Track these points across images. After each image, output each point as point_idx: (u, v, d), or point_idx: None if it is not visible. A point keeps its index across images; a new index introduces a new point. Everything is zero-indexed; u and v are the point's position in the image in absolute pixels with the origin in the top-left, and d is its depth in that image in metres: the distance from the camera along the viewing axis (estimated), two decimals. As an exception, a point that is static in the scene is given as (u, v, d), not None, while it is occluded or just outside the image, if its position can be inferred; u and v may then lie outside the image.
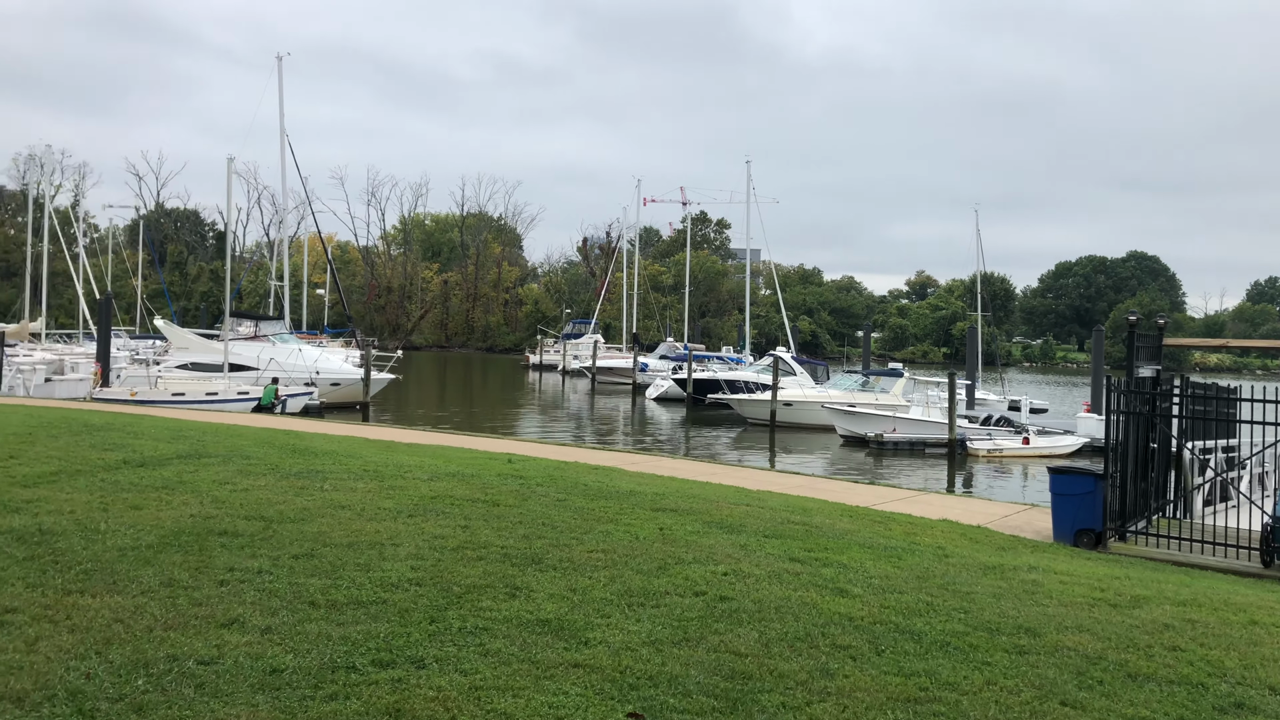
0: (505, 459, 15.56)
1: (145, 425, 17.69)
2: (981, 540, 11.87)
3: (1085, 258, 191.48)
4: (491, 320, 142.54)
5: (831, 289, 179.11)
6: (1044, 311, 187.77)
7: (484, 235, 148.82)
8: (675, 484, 14.39)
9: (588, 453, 20.01)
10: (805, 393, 44.51)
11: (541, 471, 13.90)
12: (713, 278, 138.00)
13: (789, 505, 12.74)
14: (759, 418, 43.10)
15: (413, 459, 14.65)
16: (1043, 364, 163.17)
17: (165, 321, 47.88)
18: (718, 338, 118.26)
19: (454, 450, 17.55)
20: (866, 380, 45.50)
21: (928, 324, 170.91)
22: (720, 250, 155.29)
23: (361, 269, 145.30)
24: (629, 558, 8.04)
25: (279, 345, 44.14)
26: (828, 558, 8.78)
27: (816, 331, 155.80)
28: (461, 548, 7.96)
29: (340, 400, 42.81)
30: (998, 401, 54.94)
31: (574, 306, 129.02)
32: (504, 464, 14.85)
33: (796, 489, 16.06)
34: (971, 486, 28.50)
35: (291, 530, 8.15)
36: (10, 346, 61.77)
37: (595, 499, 11.26)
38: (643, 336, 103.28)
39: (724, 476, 17.13)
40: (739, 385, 49.35)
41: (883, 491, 16.73)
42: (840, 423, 38.48)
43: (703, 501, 11.93)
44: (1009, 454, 34.94)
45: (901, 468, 31.90)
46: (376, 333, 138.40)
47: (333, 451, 14.90)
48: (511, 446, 20.19)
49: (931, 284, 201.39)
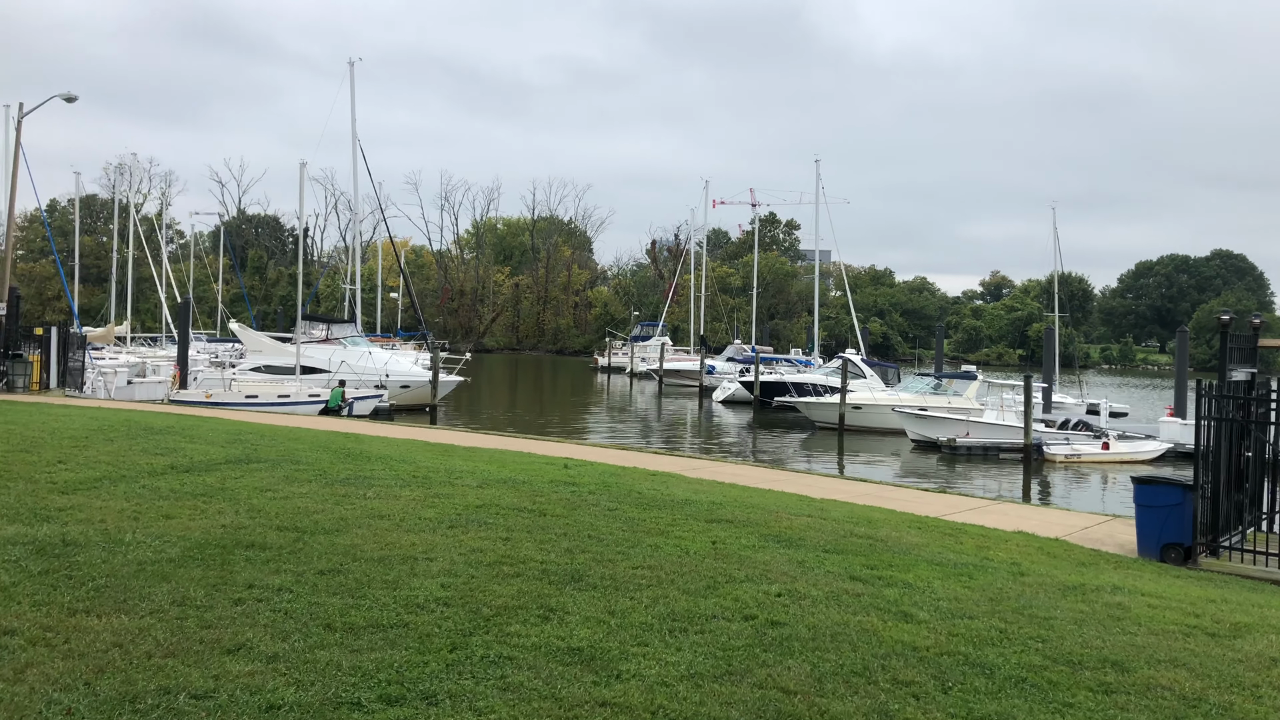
0: (562, 464, 15.14)
1: (205, 428, 17.64)
2: (1060, 555, 11.12)
3: (1167, 256, 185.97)
4: (561, 323, 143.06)
5: (903, 290, 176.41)
6: (1123, 312, 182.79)
7: (554, 239, 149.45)
8: (734, 492, 13.82)
9: (648, 458, 19.52)
10: (875, 396, 43.52)
11: (596, 478, 13.43)
12: (781, 279, 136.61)
13: (853, 516, 12.10)
14: (827, 421, 42.23)
15: (467, 464, 14.30)
16: (1122, 366, 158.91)
17: (239, 325, 48.54)
18: (787, 340, 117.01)
19: (512, 455, 17.18)
20: (939, 383, 44.33)
21: (1003, 325, 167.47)
22: (789, 251, 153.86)
23: (435, 273, 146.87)
24: (676, 575, 7.52)
25: (350, 348, 44.47)
26: (892, 576, 8.16)
27: (888, 333, 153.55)
28: (499, 563, 7.52)
29: (410, 402, 42.95)
30: (1075, 405, 53.28)
31: (642, 309, 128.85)
32: (559, 470, 14.43)
33: (863, 498, 15.38)
34: (1048, 494, 27.41)
35: (323, 543, 7.79)
36: (97, 350, 63.36)
37: (648, 509, 10.76)
38: (711, 339, 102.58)
39: (787, 484, 16.50)
40: (806, 388, 48.52)
41: (954, 501, 15.97)
42: (911, 426, 37.48)
43: (761, 512, 11.36)
44: (1087, 460, 33.64)
45: (975, 474, 30.87)
46: (449, 335, 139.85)
47: (386, 456, 14.61)
48: (571, 451, 19.77)
49: (1007, 284, 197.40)
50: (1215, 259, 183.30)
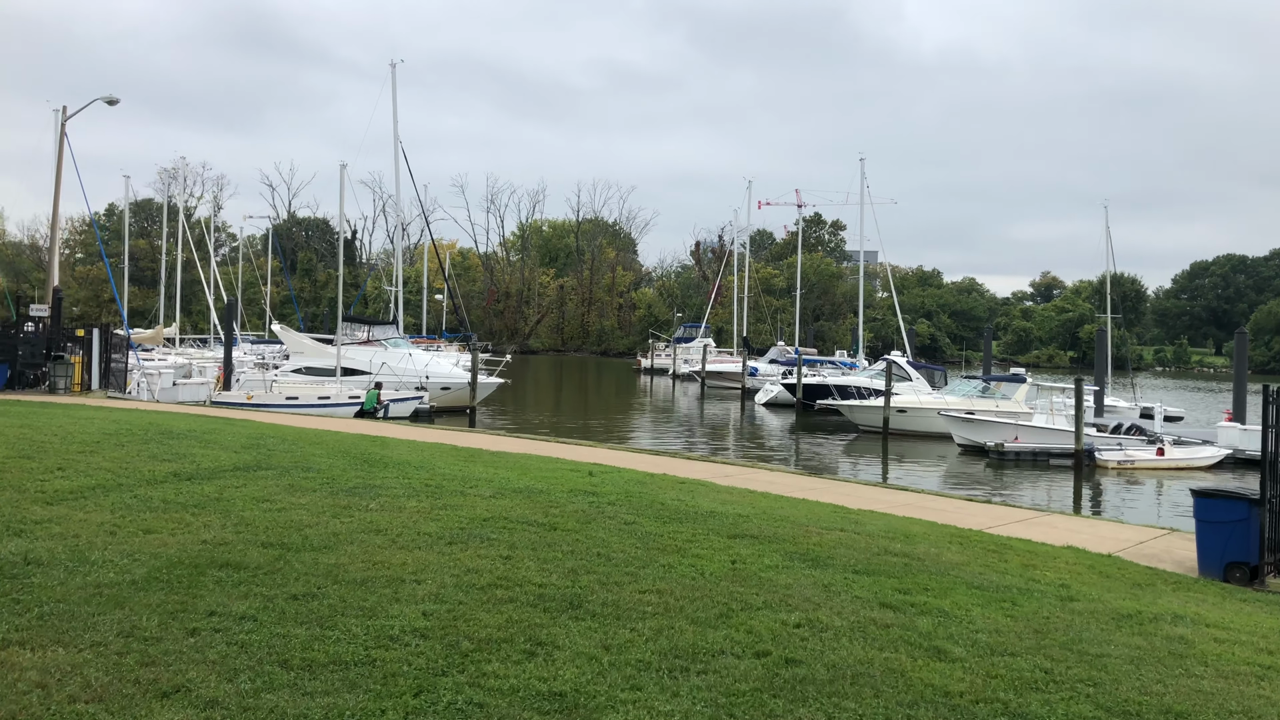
0: (587, 471, 14.52)
1: (228, 432, 17.25)
2: (1113, 575, 10.29)
3: (1223, 256, 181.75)
4: (605, 324, 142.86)
5: (951, 291, 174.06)
6: (1178, 313, 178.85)
7: (599, 240, 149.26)
8: (765, 502, 13.12)
9: (680, 464, 18.85)
10: (920, 399, 42.46)
11: (619, 487, 12.80)
12: (827, 280, 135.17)
13: (890, 530, 11.35)
14: (871, 425, 41.26)
15: (487, 471, 13.74)
16: (1176, 369, 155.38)
17: (281, 326, 48.63)
18: (832, 341, 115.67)
19: (538, 460, 16.60)
20: (987, 386, 43.20)
21: (1053, 327, 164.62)
22: (835, 252, 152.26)
23: (481, 275, 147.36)
24: (687, 601, 6.86)
25: (391, 350, 44.30)
26: (927, 603, 7.43)
27: (935, 335, 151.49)
28: (494, 585, 6.91)
29: (451, 404, 42.66)
30: (1128, 409, 51.79)
31: (686, 310, 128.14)
32: (583, 478, 13.82)
33: (902, 508, 14.59)
34: (1100, 502, 26.34)
35: (305, 562, 7.23)
36: (146, 351, 63.90)
37: (668, 522, 10.10)
38: (754, 340, 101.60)
39: (823, 492, 15.75)
40: (850, 391, 47.55)
41: (999, 512, 15.12)
42: (958, 431, 36.42)
43: (790, 525, 10.65)
44: (1141, 466, 32.39)
45: (1023, 480, 29.83)
46: (495, 337, 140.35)
47: (405, 462, 14.10)
48: (602, 456, 19.17)
49: (1057, 285, 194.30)
50: (1275, 259, 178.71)
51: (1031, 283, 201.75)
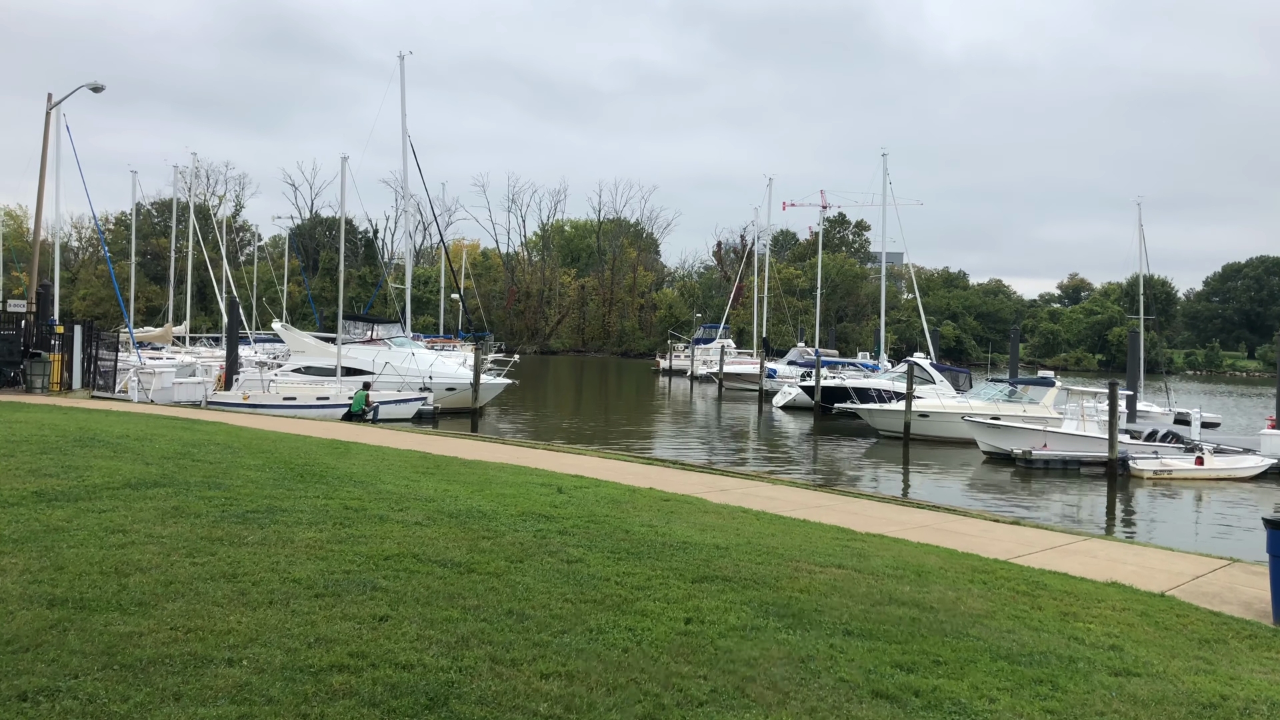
0: (557, 487, 12.65)
1: (164, 439, 15.51)
2: (1173, 627, 8.31)
3: (1256, 258, 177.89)
4: (626, 325, 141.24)
5: (977, 293, 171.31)
6: (1209, 316, 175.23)
7: (620, 240, 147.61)
8: (756, 526, 11.21)
9: (673, 475, 16.96)
10: (944, 403, 40.32)
11: (585, 509, 10.93)
12: (850, 281, 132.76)
13: (900, 564, 9.42)
14: (891, 430, 39.20)
15: (437, 487, 11.91)
16: (1207, 372, 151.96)
17: (281, 325, 47.07)
18: (855, 343, 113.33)
19: (512, 472, 14.76)
20: (1013, 389, 41.00)
21: (1081, 329, 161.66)
22: (859, 253, 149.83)
23: (502, 274, 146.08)
24: (602, 692, 4.97)
25: (394, 349, 42.70)
26: (937, 689, 5.51)
27: (961, 337, 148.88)
28: (337, 667, 5.04)
29: (456, 405, 40.98)
30: (1162, 414, 49.40)
31: (707, 311, 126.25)
32: (550, 494, 11.97)
33: (917, 530, 12.65)
34: (1135, 516, 24.22)
35: (91, 629, 5.39)
36: (156, 349, 62.67)
37: (623, 559, 8.22)
38: (776, 341, 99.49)
39: (828, 512, 13.83)
40: (870, 394, 45.43)
41: (1029, 536, 13.13)
42: (983, 437, 34.29)
43: (776, 561, 8.74)
44: (1179, 476, 30.20)
45: (1052, 490, 27.75)
46: (516, 337, 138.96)
47: (347, 476, 12.30)
48: (591, 465, 17.34)
49: (1085, 287, 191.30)
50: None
51: (1059, 285, 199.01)
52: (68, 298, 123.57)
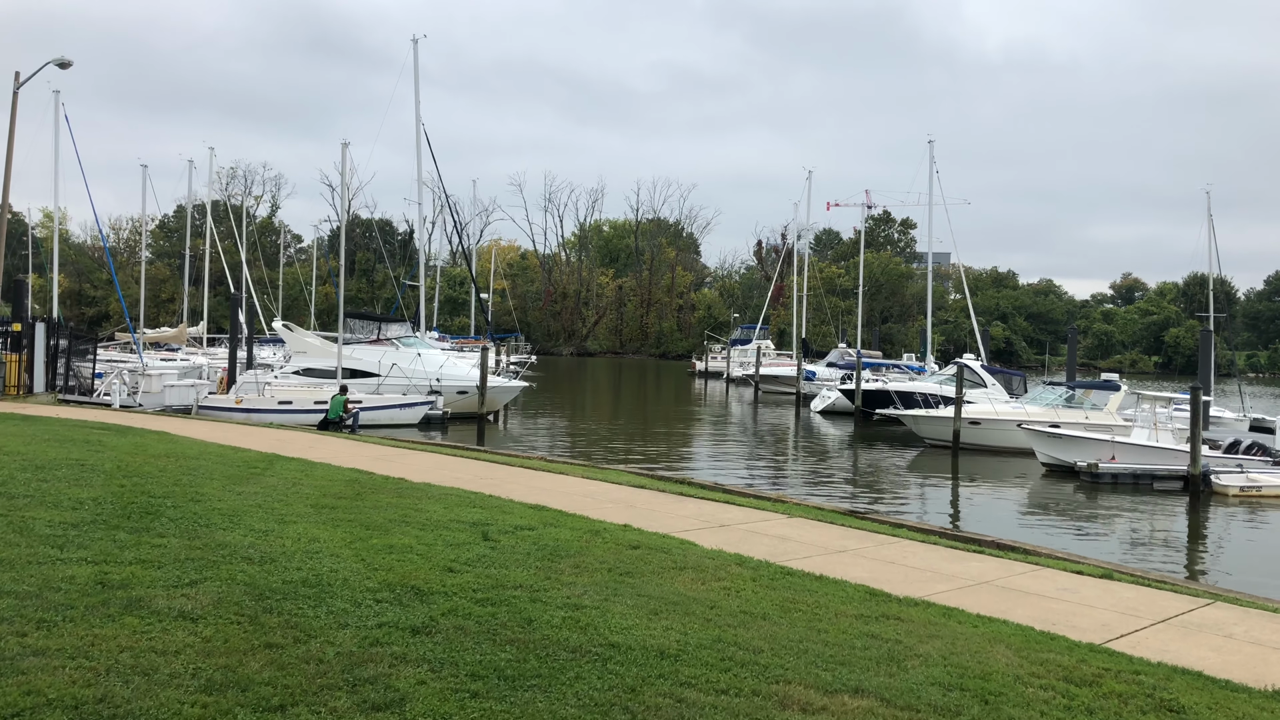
0: (483, 534, 9.55)
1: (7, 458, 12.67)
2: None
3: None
4: (665, 326, 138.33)
5: (1028, 293, 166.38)
6: (1271, 316, 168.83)
7: (659, 240, 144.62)
8: (746, 595, 8.07)
9: (665, 502, 13.84)
10: (997, 409, 36.76)
11: (496, 574, 7.85)
12: (895, 280, 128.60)
13: (955, 670, 6.25)
14: (939, 438, 35.71)
15: (312, 533, 9.01)
16: (1270, 374, 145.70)
17: (283, 324, 44.53)
18: (900, 345, 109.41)
19: (451, 504, 11.78)
20: (1073, 394, 37.37)
21: (1136, 330, 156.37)
22: (905, 253, 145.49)
23: (539, 275, 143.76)
24: None
25: (402, 349, 39.96)
26: None
27: (1011, 338, 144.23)
28: None
29: (469, 409, 38.13)
30: (1235, 420, 45.45)
31: (746, 312, 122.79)
32: (467, 546, 8.92)
33: (975, 591, 9.44)
34: (1229, 549, 20.68)
35: None
36: (172, 350, 60.66)
37: (485, 695, 5.09)
38: (817, 343, 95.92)
39: (856, 558, 10.66)
40: (915, 398, 41.93)
41: (1127, 596, 9.82)
42: (1042, 447, 30.74)
43: (755, 680, 5.58)
44: (1269, 494, 26.51)
45: (1123, 510, 24.24)
46: (553, 338, 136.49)
47: (198, 516, 9.48)
48: (569, 487, 14.40)
49: (1139, 287, 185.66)
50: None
51: (1111, 285, 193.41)
52: (106, 298, 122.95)
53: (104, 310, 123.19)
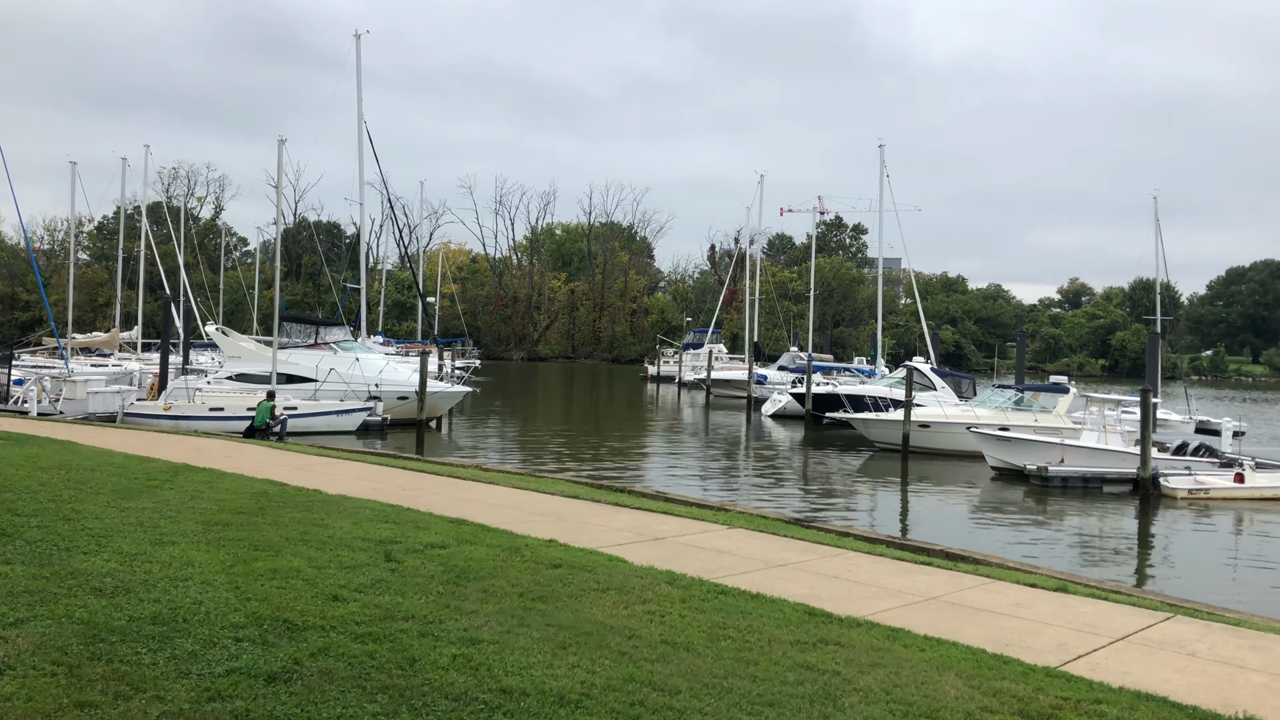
0: (385, 554, 8.69)
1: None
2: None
3: (1260, 262, 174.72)
4: (618, 330, 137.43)
5: (976, 297, 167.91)
6: (1213, 321, 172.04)
7: (612, 244, 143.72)
8: (672, 621, 7.31)
9: (598, 513, 13.07)
10: (946, 412, 36.42)
11: (386, 605, 7.02)
12: (847, 285, 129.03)
13: (897, 704, 5.55)
14: (889, 442, 35.28)
15: (188, 556, 8.11)
16: (1214, 377, 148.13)
17: (216, 328, 43.05)
18: (852, 348, 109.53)
19: (363, 519, 10.92)
20: (1022, 396, 37.13)
21: (1083, 334, 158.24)
22: (856, 257, 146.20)
23: (490, 279, 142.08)
24: None
25: (340, 354, 38.73)
26: None
27: (960, 342, 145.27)
28: None
29: (410, 415, 36.96)
30: (1181, 422, 45.58)
31: (699, 315, 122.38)
32: (365, 569, 8.07)
33: (923, 608, 8.78)
34: (1182, 554, 20.30)
35: None
36: (104, 356, 58.69)
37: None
38: (770, 346, 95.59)
39: (798, 573, 9.97)
40: (865, 401, 41.54)
41: (1084, 611, 9.20)
42: (991, 450, 30.36)
43: None
44: (1216, 496, 26.30)
45: (1073, 513, 23.88)
46: (503, 343, 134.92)
47: (61, 537, 8.42)
48: (495, 501, 13.59)
49: (1086, 292, 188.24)
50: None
51: (1059, 289, 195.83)
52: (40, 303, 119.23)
53: (38, 315, 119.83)
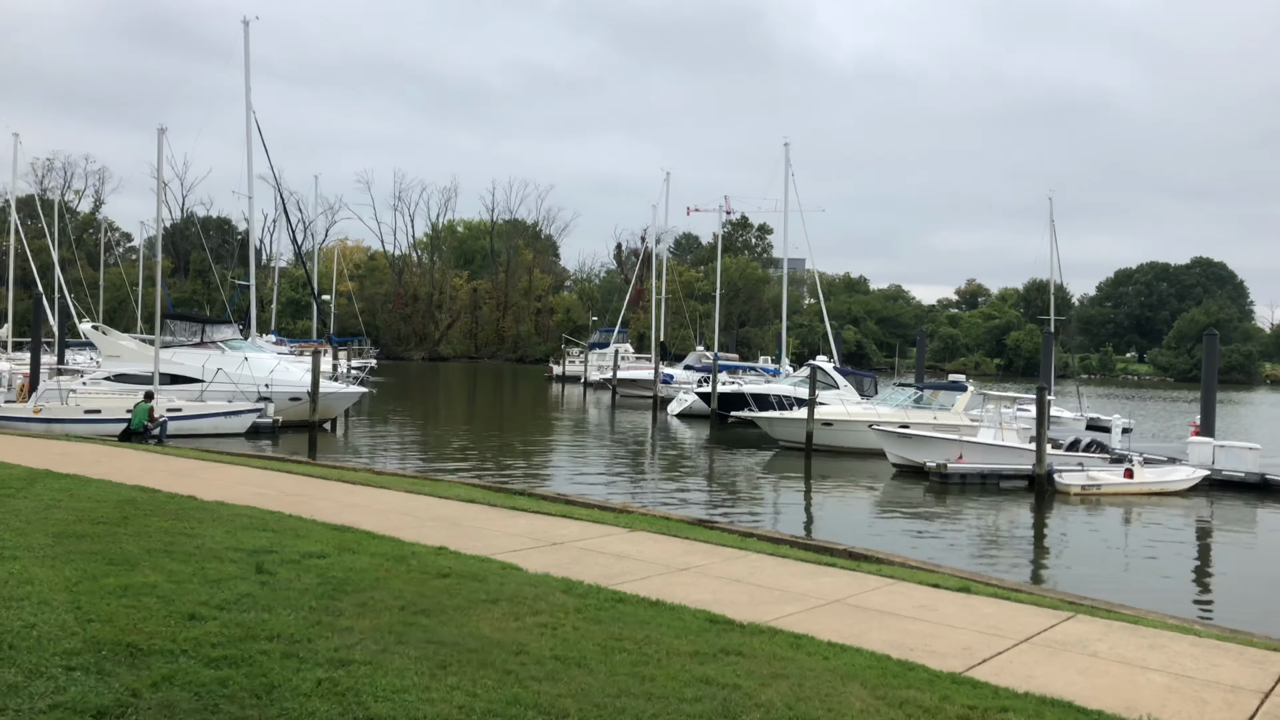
0: (256, 566, 8.05)
1: None
2: None
3: (1147, 264, 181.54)
4: (522, 330, 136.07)
5: (878, 298, 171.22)
6: (1102, 321, 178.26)
7: (516, 241, 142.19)
8: (564, 632, 6.87)
9: (495, 518, 12.55)
10: (849, 410, 36.68)
11: (251, 623, 6.44)
12: (753, 285, 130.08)
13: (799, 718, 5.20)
14: (793, 440, 35.36)
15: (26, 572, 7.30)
16: (1102, 376, 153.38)
17: (91, 326, 41.03)
18: (757, 348, 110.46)
19: (239, 527, 10.23)
20: (921, 395, 37.64)
21: (980, 334, 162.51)
22: (762, 257, 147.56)
23: (389, 277, 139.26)
24: None
25: (229, 353, 37.22)
26: None
27: (862, 341, 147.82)
28: None
29: (303, 417, 35.68)
30: (1073, 419, 46.72)
31: (606, 315, 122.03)
32: (234, 581, 7.44)
33: (826, 612, 8.50)
34: (1079, 550, 20.59)
35: None
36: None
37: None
38: (676, 346, 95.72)
39: (700, 577, 9.61)
40: (770, 400, 41.65)
41: (988, 612, 9.02)
42: (892, 448, 30.62)
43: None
44: (1108, 491, 26.90)
45: (971, 510, 24.12)
46: (403, 342, 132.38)
47: None
48: (384, 506, 12.95)
49: (982, 293, 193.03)
50: (1195, 267, 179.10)
51: (957, 290, 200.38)
52: None
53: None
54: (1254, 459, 29.16)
